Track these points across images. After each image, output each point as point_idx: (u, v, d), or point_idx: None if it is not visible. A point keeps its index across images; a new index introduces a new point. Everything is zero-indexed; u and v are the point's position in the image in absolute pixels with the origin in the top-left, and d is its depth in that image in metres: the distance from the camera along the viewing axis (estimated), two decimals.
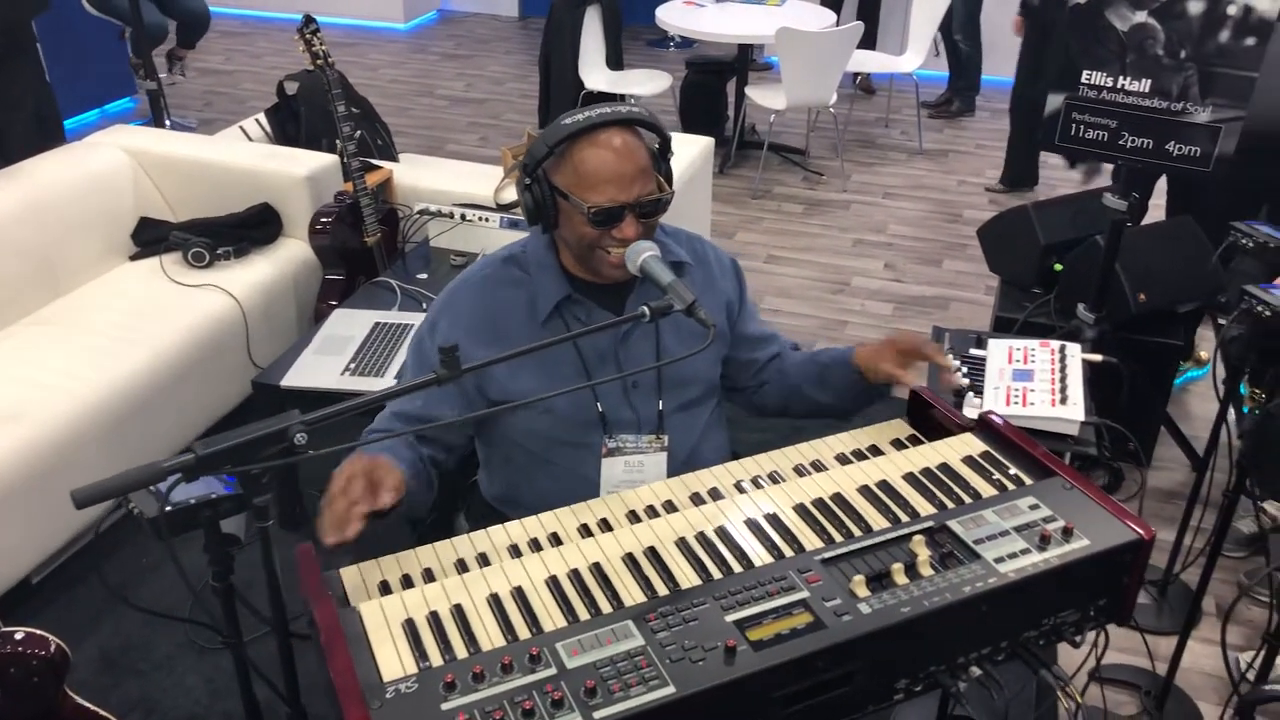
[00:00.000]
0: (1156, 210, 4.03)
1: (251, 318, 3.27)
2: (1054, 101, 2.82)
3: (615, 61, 5.67)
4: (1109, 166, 3.40)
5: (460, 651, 1.28)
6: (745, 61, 5.71)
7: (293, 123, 4.17)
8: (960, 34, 6.10)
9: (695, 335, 1.44)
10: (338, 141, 3.27)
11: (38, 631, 1.97)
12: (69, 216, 3.31)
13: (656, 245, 1.64)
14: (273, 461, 1.21)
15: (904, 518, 1.48)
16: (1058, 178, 5.35)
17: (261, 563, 1.37)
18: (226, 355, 3.19)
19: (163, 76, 5.31)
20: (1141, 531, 1.41)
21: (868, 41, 6.43)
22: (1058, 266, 3.32)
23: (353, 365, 2.76)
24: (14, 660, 1.91)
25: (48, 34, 5.09)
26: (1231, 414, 2.54)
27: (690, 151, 3.76)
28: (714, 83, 5.85)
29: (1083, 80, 2.76)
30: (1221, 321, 3.53)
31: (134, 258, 3.47)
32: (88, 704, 2.08)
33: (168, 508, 1.63)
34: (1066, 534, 1.40)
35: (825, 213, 5.17)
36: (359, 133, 3.58)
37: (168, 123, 5.28)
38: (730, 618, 1.29)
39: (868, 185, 5.47)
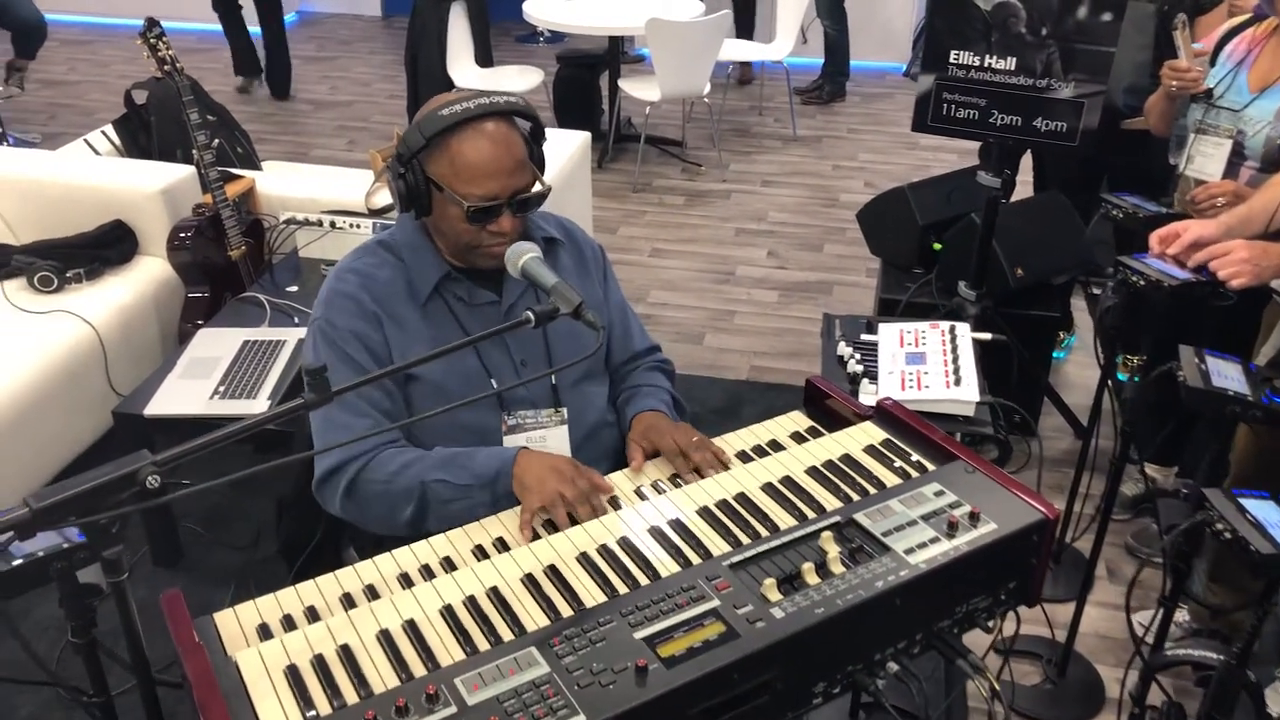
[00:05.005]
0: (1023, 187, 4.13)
1: (109, 343, 3.05)
2: (924, 82, 2.84)
3: (484, 58, 5.54)
4: None
5: (350, 696, 1.18)
6: (616, 54, 5.66)
7: (144, 134, 3.93)
8: (826, 19, 6.16)
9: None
10: (193, 151, 3.09)
11: None
12: None
13: (536, 246, 1.57)
14: (123, 509, 1.09)
15: (810, 514, 1.44)
16: None
17: (120, 621, 1.23)
18: (84, 385, 2.97)
19: None
20: (1045, 511, 1.40)
21: (746, 31, 6.45)
22: (937, 246, 3.36)
23: (222, 388, 2.61)
24: None
25: None
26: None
27: (567, 147, 3.68)
28: (586, 76, 5.77)
29: (951, 60, 2.79)
30: (1094, 291, 3.64)
31: None
32: None
33: (15, 562, 1.49)
34: (973, 519, 1.38)
35: (706, 203, 5.15)
36: (216, 141, 3.39)
37: (10, 139, 4.93)
38: (639, 634, 1.22)
39: (746, 174, 5.48)
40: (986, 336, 2.11)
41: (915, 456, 1.55)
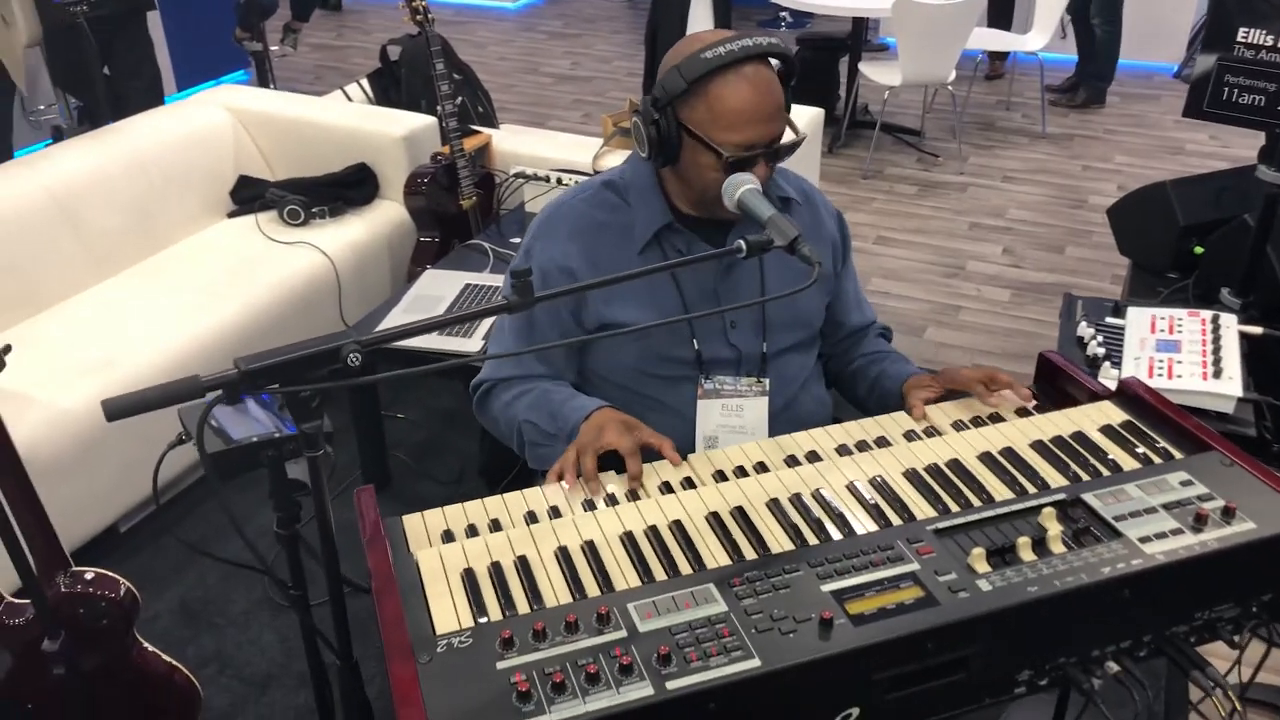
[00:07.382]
0: None
1: (344, 277, 3.22)
2: (1204, 63, 2.56)
3: None
4: None
5: (522, 606, 1.16)
6: (859, 36, 5.49)
7: (394, 88, 4.13)
8: (1098, 15, 5.67)
9: (802, 277, 1.30)
10: (437, 106, 3.20)
11: (108, 573, 1.92)
12: (170, 172, 3.32)
13: (755, 179, 1.50)
14: (323, 383, 1.10)
15: (1031, 489, 1.30)
16: None
17: (312, 499, 1.26)
18: (318, 313, 3.15)
19: (274, 49, 5.37)
20: None
21: (1003, 20, 6.10)
22: (1198, 249, 3.04)
23: None
24: (82, 600, 1.86)
25: (165, 5, 5.17)
26: None
27: (799, 122, 3.57)
28: (826, 60, 5.64)
29: (1238, 39, 2.50)
30: None
31: (231, 214, 3.46)
32: (162, 654, 2.03)
33: (232, 444, 1.57)
34: (1227, 515, 1.20)
35: (940, 195, 4.91)
36: (460, 98, 3.51)
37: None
38: (827, 588, 1.13)
39: (986, 168, 5.19)
40: (1257, 330, 1.87)
41: (1160, 443, 1.37)
